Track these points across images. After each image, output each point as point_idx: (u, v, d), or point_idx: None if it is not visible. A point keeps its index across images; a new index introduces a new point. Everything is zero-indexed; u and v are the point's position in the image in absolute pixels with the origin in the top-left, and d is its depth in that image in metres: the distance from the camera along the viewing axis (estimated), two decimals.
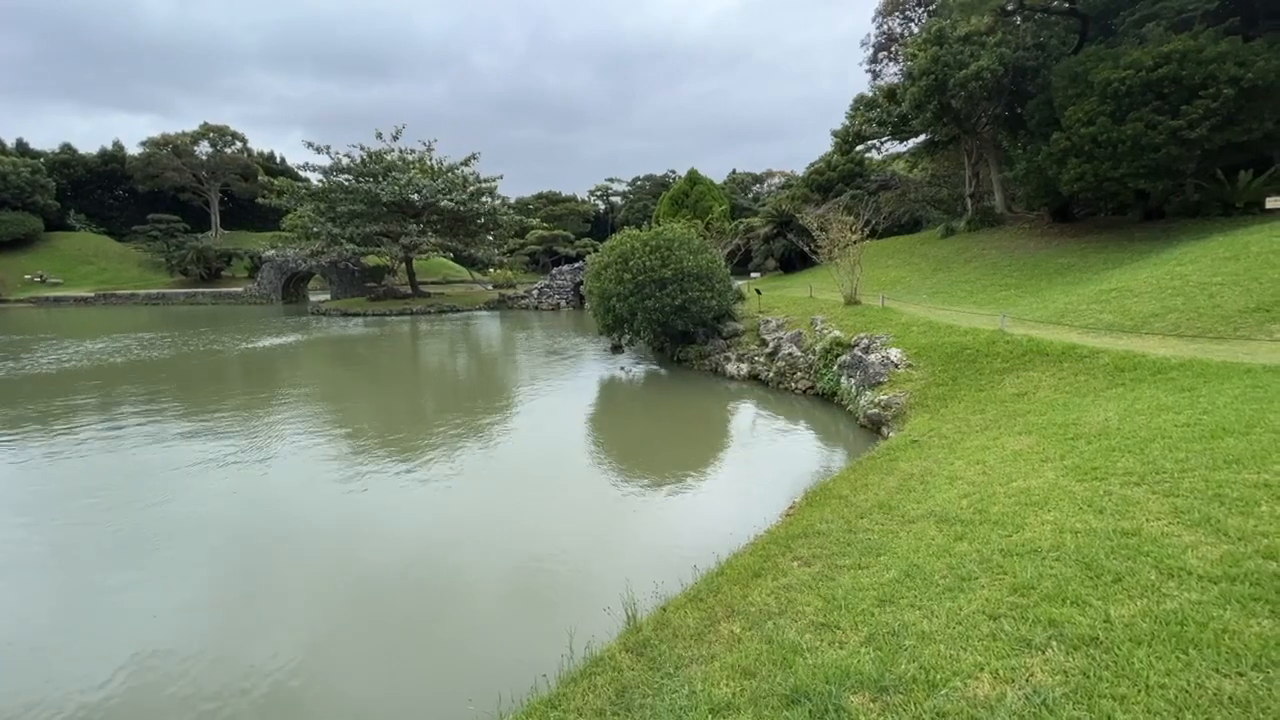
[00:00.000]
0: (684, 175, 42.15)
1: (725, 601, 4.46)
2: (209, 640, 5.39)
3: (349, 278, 44.33)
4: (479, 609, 5.88)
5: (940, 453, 7.38)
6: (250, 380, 18.63)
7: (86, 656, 5.21)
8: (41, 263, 58.10)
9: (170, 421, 13.07)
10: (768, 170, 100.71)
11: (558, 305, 39.27)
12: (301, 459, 10.54)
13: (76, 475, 9.87)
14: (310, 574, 6.66)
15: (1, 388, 16.76)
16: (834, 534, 5.34)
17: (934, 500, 5.59)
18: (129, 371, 19.21)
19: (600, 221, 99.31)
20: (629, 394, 15.63)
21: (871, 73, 35.05)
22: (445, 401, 15.67)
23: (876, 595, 3.89)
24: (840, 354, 13.24)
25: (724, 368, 16.33)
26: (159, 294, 51.70)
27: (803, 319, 17.02)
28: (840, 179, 42.74)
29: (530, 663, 4.66)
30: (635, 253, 16.99)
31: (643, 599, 4.67)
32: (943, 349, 11.62)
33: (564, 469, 9.93)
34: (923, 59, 23.42)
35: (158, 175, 67.61)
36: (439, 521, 7.92)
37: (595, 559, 6.75)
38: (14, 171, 59.19)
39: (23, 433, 12.19)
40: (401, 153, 41.43)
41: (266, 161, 75.15)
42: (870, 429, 10.75)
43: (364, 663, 5.07)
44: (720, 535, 6.66)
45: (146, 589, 6.33)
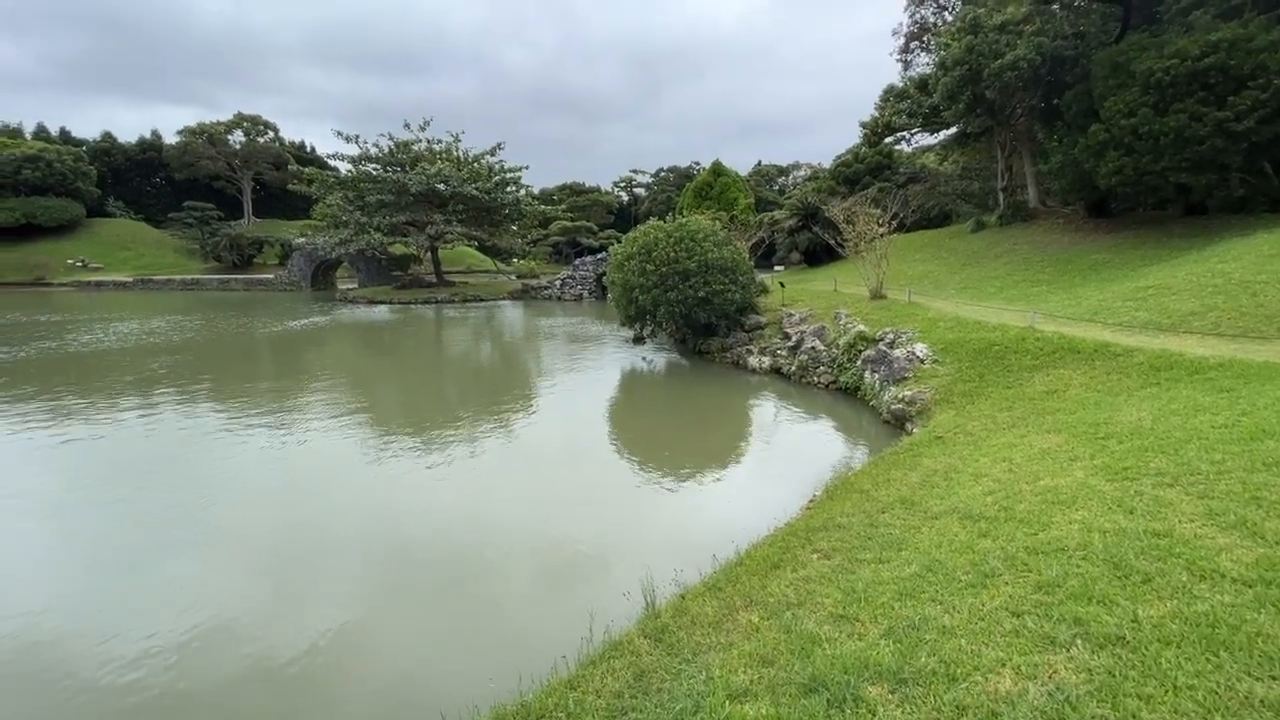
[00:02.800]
0: (708, 167, 41.85)
1: (744, 591, 4.48)
2: (258, 603, 5.73)
3: (376, 266, 44.98)
4: (502, 589, 6.01)
5: (965, 449, 7.28)
6: (282, 364, 19.08)
7: (148, 611, 5.58)
8: (83, 248, 59.97)
9: (208, 402, 13.46)
10: (794, 162, 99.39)
11: (580, 296, 39.40)
12: (332, 440, 10.80)
13: (121, 453, 10.24)
14: (343, 549, 6.88)
15: (45, 366, 17.40)
16: (855, 528, 5.32)
17: (958, 496, 5.52)
18: (167, 352, 19.80)
19: (623, 213, 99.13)
20: (650, 385, 15.65)
21: (902, 63, 34.36)
22: (468, 388, 15.88)
23: (897, 589, 3.88)
24: (864, 349, 13.09)
25: (746, 360, 16.26)
26: (193, 279, 53.06)
27: (826, 313, 16.85)
28: (868, 171, 42.07)
29: (550, 643, 4.75)
30: (659, 244, 16.95)
31: (661, 586, 4.71)
32: (970, 345, 11.42)
33: (585, 456, 10.01)
34: (956, 48, 22.88)
35: (193, 164, 69.18)
36: (463, 503, 8.06)
37: (615, 545, 6.82)
38: (58, 159, 61.06)
39: (69, 411, 12.65)
40: (429, 143, 41.79)
41: (297, 151, 76.38)
42: (893, 424, 10.63)
43: (393, 635, 5.26)
44: (739, 526, 6.67)
45: (194, 555, 6.63)
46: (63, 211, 60.79)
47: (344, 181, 40.72)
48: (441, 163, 40.10)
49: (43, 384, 15.23)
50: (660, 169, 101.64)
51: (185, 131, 69.05)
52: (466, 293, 41.27)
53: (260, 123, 71.71)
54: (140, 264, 59.21)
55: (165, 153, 71.15)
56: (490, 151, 42.77)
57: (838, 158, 48.44)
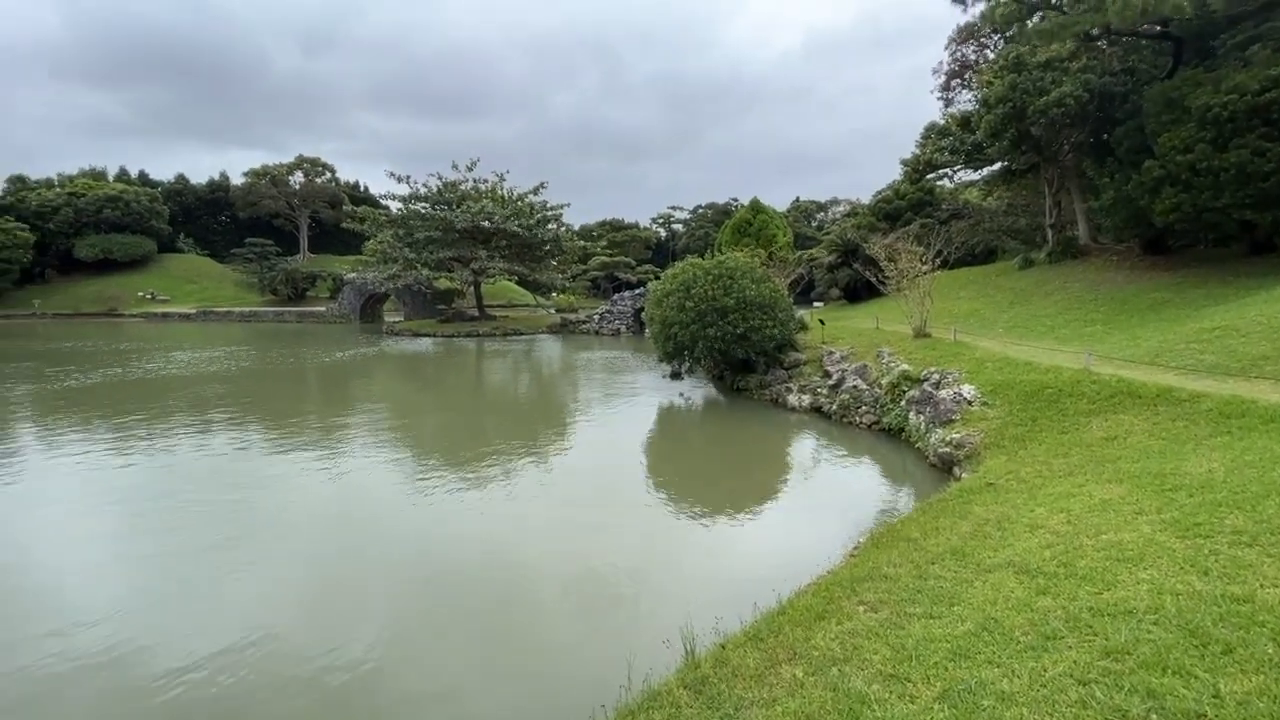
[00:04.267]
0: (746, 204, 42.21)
1: (786, 643, 4.34)
2: (304, 617, 6.06)
3: (421, 300, 46.46)
4: (539, 627, 5.99)
5: (1018, 498, 6.97)
6: (329, 393, 19.73)
7: (202, 619, 5.96)
8: (153, 281, 63.84)
9: (259, 429, 13.98)
10: (832, 198, 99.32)
11: (618, 330, 39.76)
12: (374, 468, 11.06)
13: (178, 477, 10.68)
14: (381, 577, 7.02)
15: (111, 392, 18.41)
16: (903, 579, 5.12)
17: (1012, 549, 5.27)
18: (222, 380, 20.72)
19: (661, 248, 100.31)
20: (687, 421, 15.57)
21: (943, 100, 34.26)
22: (506, 420, 16.08)
23: (950, 648, 3.70)
24: (909, 389, 12.78)
25: (785, 398, 16.04)
26: (251, 312, 55.74)
27: (868, 351, 16.57)
28: (909, 207, 41.69)
29: (587, 688, 4.69)
30: (697, 281, 17.07)
31: (701, 634, 4.60)
32: (1021, 387, 11.03)
33: (621, 493, 9.96)
34: (999, 86, 22.76)
35: (256, 203, 73.51)
36: (498, 536, 8.10)
37: (653, 587, 6.72)
38: (135, 199, 65.74)
39: (130, 435, 13.31)
40: (475, 182, 43.43)
41: (352, 190, 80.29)
42: (940, 469, 10.27)
43: (432, 660, 5.39)
44: (779, 572, 6.50)
45: (247, 573, 6.91)
46: (137, 247, 65.05)
47: (394, 219, 42.54)
48: (486, 200, 41.55)
49: (109, 408, 16.09)
50: (698, 205, 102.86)
51: (250, 173, 73.58)
52: (507, 326, 42.14)
53: (319, 164, 75.89)
54: (204, 296, 62.58)
55: (231, 193, 75.86)
56: (533, 190, 44.14)
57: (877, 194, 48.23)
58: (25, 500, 9.64)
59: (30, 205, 62.22)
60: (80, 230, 63.19)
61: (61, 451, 12.12)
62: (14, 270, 58.11)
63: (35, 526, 8.59)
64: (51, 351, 30.22)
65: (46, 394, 18.43)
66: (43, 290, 60.76)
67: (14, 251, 57.49)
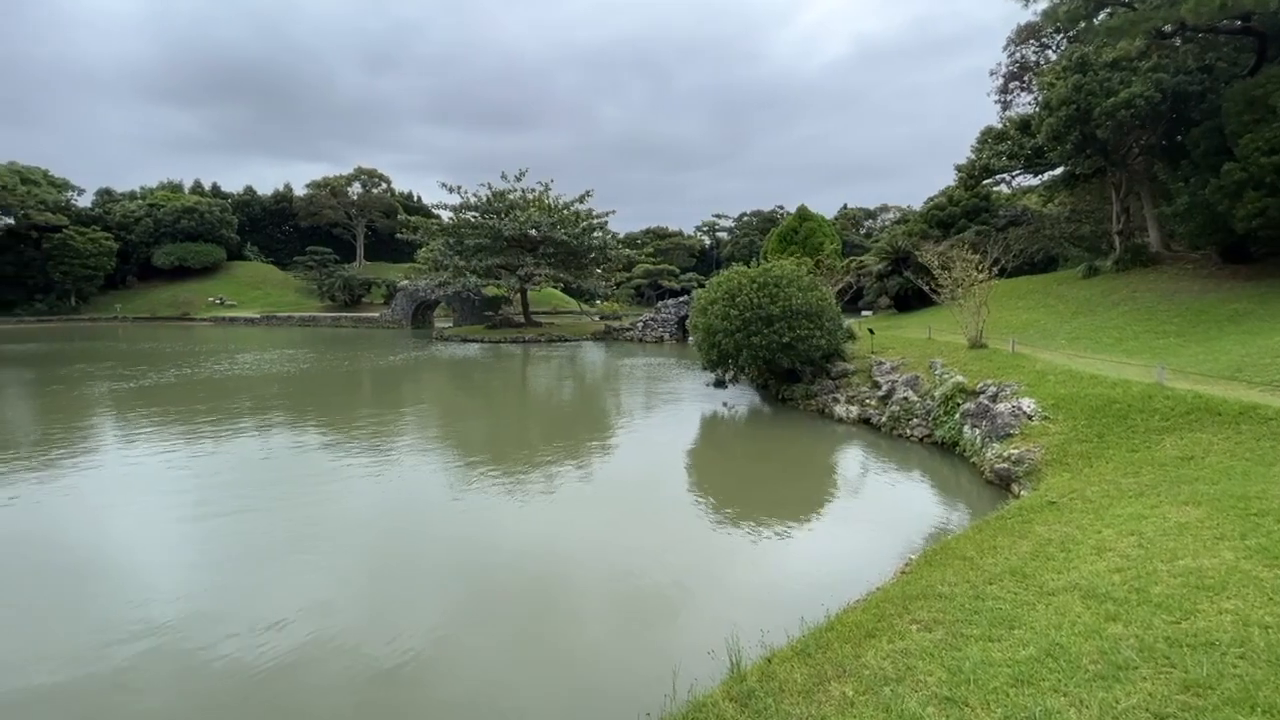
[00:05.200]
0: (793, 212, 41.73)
1: (835, 660, 4.22)
2: (355, 605, 6.39)
3: (470, 306, 47.63)
4: (581, 629, 6.04)
5: (1084, 518, 6.61)
6: (382, 394, 20.41)
7: (263, 603, 6.32)
8: (221, 287, 67.53)
9: (315, 427, 14.57)
10: (881, 205, 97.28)
11: (661, 338, 39.78)
12: (422, 467, 11.40)
13: (241, 471, 11.22)
14: (428, 575, 7.24)
15: (181, 390, 19.52)
16: (958, 599, 4.92)
17: (1078, 571, 5.01)
18: (283, 381, 21.71)
19: (705, 256, 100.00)
20: (731, 431, 15.42)
21: (1001, 103, 33.14)
22: (550, 425, 16.27)
23: (1012, 673, 3.53)
24: (963, 401, 12.33)
25: (832, 409, 15.71)
26: (310, 316, 58.26)
27: (920, 361, 16.07)
28: (963, 214, 40.35)
29: (630, 694, 4.70)
30: (743, 289, 16.93)
31: (747, 646, 4.53)
32: (1086, 401, 10.50)
33: (664, 501, 9.93)
34: (1062, 87, 21.84)
35: (317, 213, 76.96)
36: (542, 539, 8.19)
37: (697, 596, 6.67)
38: (208, 210, 69.86)
39: (198, 430, 14.07)
40: (523, 192, 44.32)
41: (406, 200, 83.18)
42: (998, 485, 9.86)
43: (475, 656, 5.53)
44: (826, 586, 6.36)
45: (302, 563, 7.19)
46: (209, 255, 69.00)
47: (445, 228, 43.80)
48: (533, 209, 42.34)
49: (180, 405, 17.06)
50: (743, 213, 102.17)
51: (312, 184, 77.12)
52: (552, 333, 42.73)
53: (376, 175, 78.91)
54: (267, 302, 65.75)
55: (294, 203, 79.63)
56: (579, 199, 44.73)
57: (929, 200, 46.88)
58: (107, 489, 10.31)
59: (115, 216, 66.88)
60: (159, 239, 67.48)
61: (136, 445, 12.91)
62: (99, 277, 62.47)
63: (115, 513, 9.17)
64: (130, 352, 32.31)
65: (124, 392, 19.69)
66: (124, 295, 65.04)
67: (100, 259, 61.83)
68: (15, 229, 58.44)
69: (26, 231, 58.69)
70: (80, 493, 10.07)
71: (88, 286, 62.02)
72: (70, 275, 60.41)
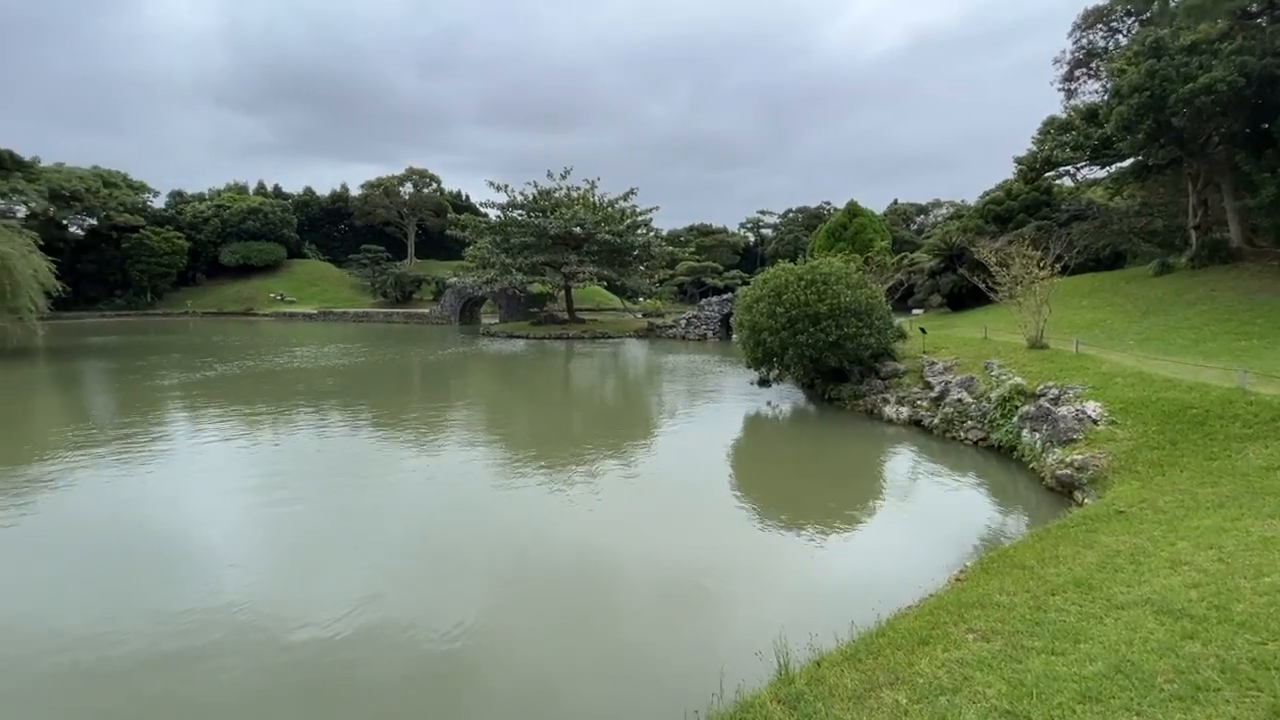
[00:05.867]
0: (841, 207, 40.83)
1: (887, 666, 4.12)
2: (412, 593, 6.62)
3: (515, 303, 48.46)
4: (626, 623, 6.09)
5: (1156, 529, 6.26)
6: (432, 388, 20.99)
7: (325, 587, 6.53)
8: (282, 284, 70.63)
9: (368, 419, 15.10)
10: (934, 200, 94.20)
11: (704, 336, 39.56)
12: (469, 459, 11.70)
13: (299, 460, 11.73)
14: (478, 559, 7.45)
15: (246, 380, 20.53)
16: (1018, 609, 4.73)
17: (1150, 585, 4.74)
18: (337, 375, 22.57)
19: (750, 253, 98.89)
20: (775, 430, 15.22)
21: (1065, 92, 31.53)
22: (593, 421, 16.40)
23: (1078, 689, 3.37)
24: (1022, 404, 11.83)
25: (881, 410, 15.31)
26: (364, 312, 60.35)
27: (975, 362, 15.50)
28: (1022, 208, 38.70)
29: (675, 691, 4.72)
30: (789, 286, 16.66)
31: (795, 649, 4.47)
32: (1158, 406, 9.92)
33: (707, 500, 9.88)
34: (1134, 73, 20.63)
35: (371, 212, 79.57)
36: (588, 534, 8.27)
37: (742, 596, 6.63)
38: (271, 211, 73.18)
39: (259, 419, 14.77)
40: (568, 190, 44.77)
41: (455, 199, 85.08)
42: (1059, 492, 9.42)
43: (522, 646, 5.63)
44: (876, 591, 6.22)
45: (356, 541, 7.48)
46: (271, 254, 72.24)
47: (493, 226, 44.63)
48: (578, 207, 42.70)
49: (244, 395, 17.95)
50: (788, 209, 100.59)
51: (366, 185, 79.73)
52: (596, 330, 43.04)
53: (427, 175, 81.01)
54: (324, 298, 68.41)
55: (350, 203, 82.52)
56: (624, 196, 44.88)
57: (986, 194, 45.10)
58: (178, 474, 10.95)
59: (186, 217, 70.74)
60: (225, 238, 71.06)
61: (204, 433, 13.65)
62: (172, 274, 66.27)
63: (186, 497, 9.73)
64: (199, 345, 34.18)
65: (193, 382, 20.84)
66: (194, 291, 68.76)
67: (173, 258, 65.58)
68: (98, 229, 62.59)
69: (108, 231, 62.76)
70: (156, 478, 10.72)
71: (162, 283, 65.86)
72: (146, 272, 64.29)
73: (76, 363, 26.80)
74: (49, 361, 26.82)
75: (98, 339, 38.02)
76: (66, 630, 5.84)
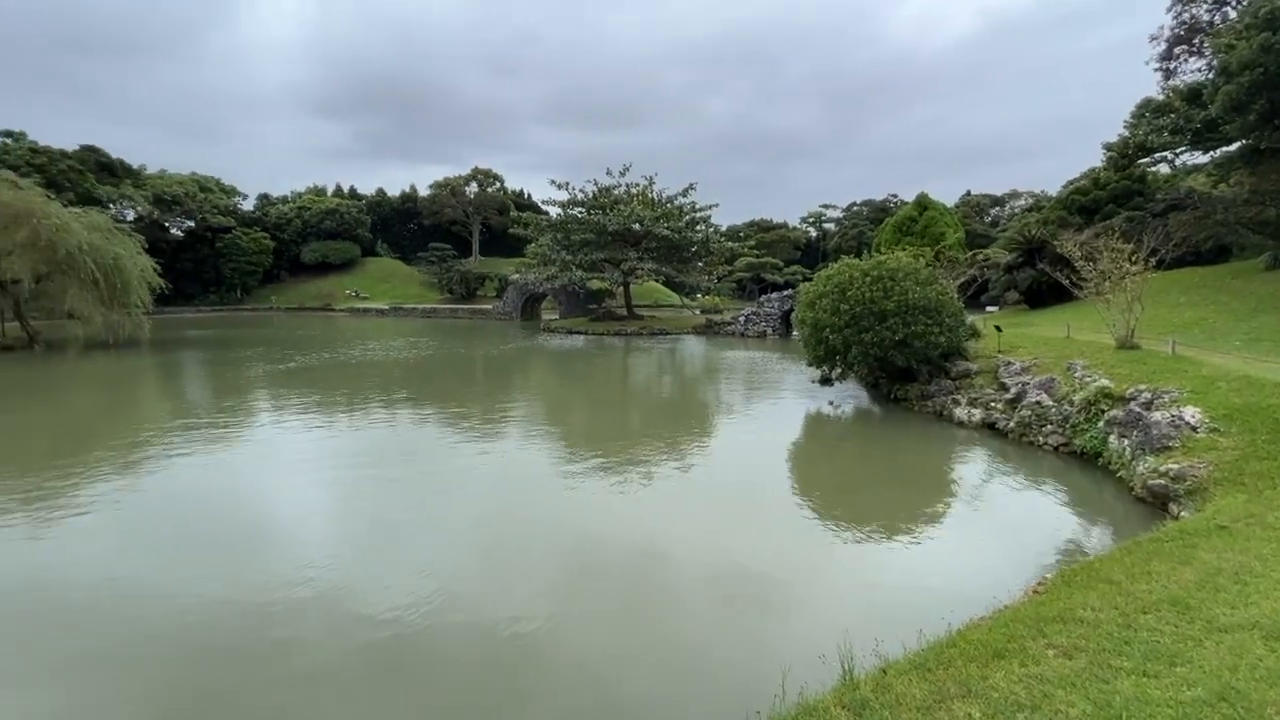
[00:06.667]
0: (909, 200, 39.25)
1: (958, 678, 3.96)
2: (478, 577, 6.92)
3: (575, 300, 49.22)
4: (685, 620, 6.10)
5: (1265, 546, 5.73)
6: (494, 381, 21.64)
7: (397, 568, 6.85)
8: (356, 281, 74.39)
9: (434, 409, 15.73)
10: (1011, 190, 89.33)
11: (764, 333, 38.98)
12: (529, 450, 12.11)
13: (370, 446, 12.35)
14: (540, 549, 7.64)
15: (324, 371, 21.75)
16: (1104, 626, 4.45)
17: (1258, 608, 4.36)
18: (406, 367, 23.60)
19: (811, 249, 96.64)
20: (837, 431, 14.84)
21: (1163, 71, 29.17)
22: (652, 416, 16.47)
23: (1174, 715, 3.15)
24: (1109, 408, 11.07)
25: (951, 411, 14.67)
26: (431, 308, 62.79)
27: (1056, 363, 14.61)
28: (1111, 198, 36.12)
29: (734, 690, 4.72)
30: (854, 282, 16.17)
31: (860, 655, 4.36)
32: (1268, 412, 9.06)
33: (767, 499, 9.74)
34: (1245, 49, 18.85)
35: (438, 211, 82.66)
36: (647, 528, 8.32)
37: (806, 599, 6.53)
38: (347, 211, 77.20)
39: (335, 407, 15.63)
40: (627, 187, 45.01)
41: (517, 198, 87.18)
42: (1150, 504, 8.77)
43: (583, 636, 5.79)
44: (944, 599, 5.99)
45: (425, 526, 7.86)
46: (346, 252, 76.23)
47: (554, 224, 45.45)
48: (636, 204, 42.86)
49: (322, 385, 19.04)
50: (852, 203, 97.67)
51: (434, 185, 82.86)
52: (653, 326, 43.16)
53: (491, 175, 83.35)
54: (394, 295, 71.57)
55: (419, 203, 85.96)
56: (683, 192, 44.73)
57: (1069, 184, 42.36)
58: (264, 457, 11.75)
59: (271, 218, 75.53)
60: (306, 238, 75.49)
61: (287, 420, 14.57)
62: (259, 271, 71.01)
63: (271, 479, 10.43)
64: (282, 338, 36.51)
65: (277, 372, 22.28)
66: (278, 288, 73.39)
67: (259, 256, 70.25)
68: (194, 230, 67.80)
69: (203, 232, 67.88)
70: (244, 460, 11.57)
71: (250, 280, 70.67)
72: (237, 270, 69.14)
73: (178, 354, 29.16)
74: (154, 353, 29.29)
75: (194, 332, 41.21)
76: (172, 592, 6.37)
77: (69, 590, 6.55)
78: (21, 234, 26.67)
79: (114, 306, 30.02)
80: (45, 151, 54.34)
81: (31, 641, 5.68)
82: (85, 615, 6.08)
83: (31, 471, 10.54)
